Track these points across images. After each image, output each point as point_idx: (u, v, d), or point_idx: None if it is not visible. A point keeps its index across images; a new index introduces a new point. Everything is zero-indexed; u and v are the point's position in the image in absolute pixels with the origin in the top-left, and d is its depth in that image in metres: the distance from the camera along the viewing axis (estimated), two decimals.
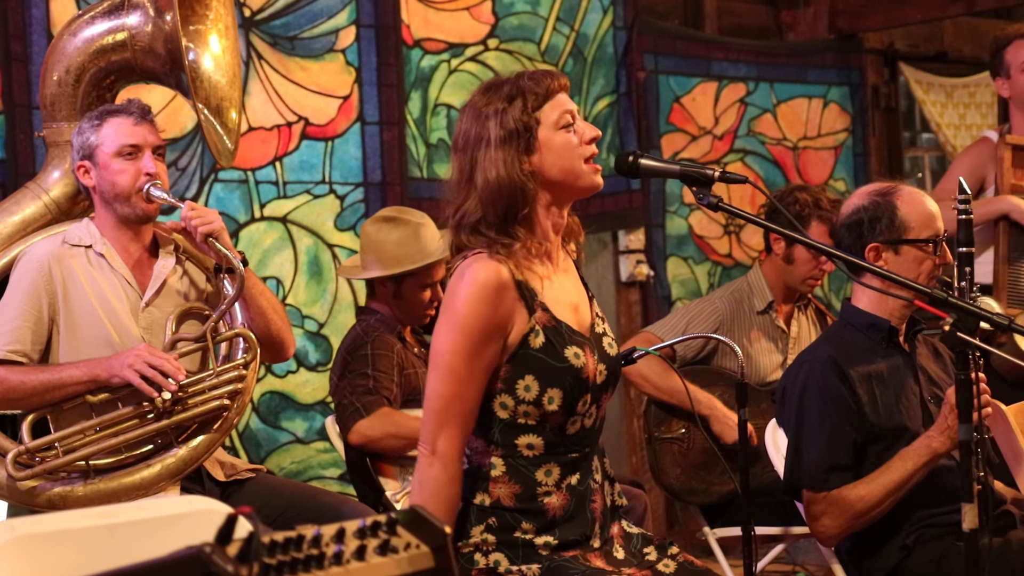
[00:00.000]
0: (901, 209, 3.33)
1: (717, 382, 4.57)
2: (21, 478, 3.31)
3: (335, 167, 5.28)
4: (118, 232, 3.51)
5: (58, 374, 3.36)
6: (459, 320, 2.56)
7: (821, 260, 4.60)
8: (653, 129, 6.39)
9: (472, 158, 2.62)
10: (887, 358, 3.39)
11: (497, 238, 2.61)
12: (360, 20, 5.35)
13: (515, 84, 2.66)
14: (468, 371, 2.57)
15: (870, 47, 7.24)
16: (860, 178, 7.18)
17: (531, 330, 2.60)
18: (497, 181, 2.59)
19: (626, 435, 6.24)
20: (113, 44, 3.58)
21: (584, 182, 2.65)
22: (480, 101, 2.66)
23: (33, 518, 1.91)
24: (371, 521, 1.70)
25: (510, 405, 2.61)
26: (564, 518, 2.63)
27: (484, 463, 2.64)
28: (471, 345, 2.56)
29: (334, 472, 5.15)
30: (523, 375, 2.60)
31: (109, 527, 1.89)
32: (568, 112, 2.66)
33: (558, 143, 2.63)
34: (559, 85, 2.68)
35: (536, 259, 2.65)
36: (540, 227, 2.66)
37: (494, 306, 2.56)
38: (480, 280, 2.56)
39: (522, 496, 2.62)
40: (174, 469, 3.41)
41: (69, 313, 3.43)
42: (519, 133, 2.60)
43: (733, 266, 6.64)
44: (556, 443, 2.63)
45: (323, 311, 5.21)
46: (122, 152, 3.45)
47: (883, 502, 3.25)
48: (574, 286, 2.77)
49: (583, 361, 2.62)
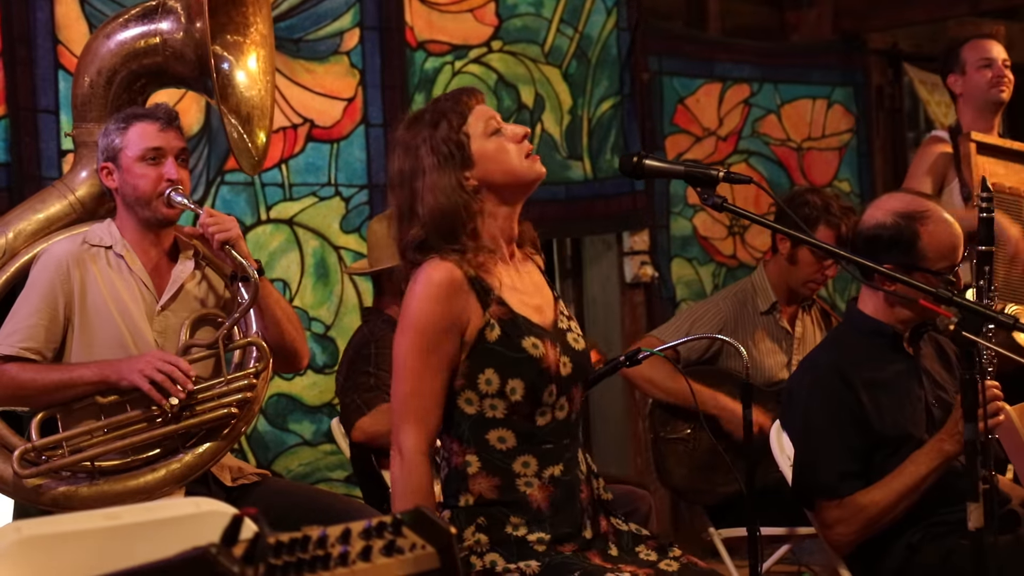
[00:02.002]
0: (923, 239, 3.27)
1: (723, 383, 4.56)
2: (26, 476, 3.32)
3: (340, 169, 5.29)
4: (138, 235, 3.51)
5: (69, 374, 3.36)
6: (413, 319, 2.63)
7: (824, 264, 4.59)
8: (657, 130, 6.39)
9: (411, 191, 2.69)
10: (891, 363, 3.38)
11: (447, 246, 2.67)
12: (364, 22, 5.35)
13: (434, 110, 2.73)
14: (423, 367, 2.62)
15: (874, 48, 7.24)
16: (864, 179, 7.18)
17: (487, 324, 2.65)
18: (438, 206, 2.65)
19: (631, 436, 6.23)
20: (145, 48, 3.59)
21: (525, 176, 2.71)
22: (406, 136, 2.73)
23: (39, 520, 1.91)
24: (376, 522, 1.70)
25: (474, 400, 2.66)
26: (552, 511, 2.65)
27: (459, 462, 2.68)
28: (425, 342, 2.62)
29: (341, 474, 5.15)
30: (483, 369, 2.65)
31: (115, 528, 1.89)
32: (492, 119, 2.72)
33: (492, 149, 2.69)
34: (476, 100, 2.75)
35: (490, 262, 2.69)
36: (488, 235, 2.71)
37: (447, 303, 2.62)
38: (433, 279, 2.63)
39: (503, 487, 2.65)
40: (179, 474, 3.41)
41: (84, 313, 3.43)
42: (452, 152, 2.67)
43: (737, 267, 6.64)
44: (528, 435, 2.67)
45: (330, 313, 5.22)
46: (145, 156, 3.44)
47: (896, 506, 3.25)
48: (536, 287, 2.81)
49: (542, 351, 2.66)
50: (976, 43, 4.99)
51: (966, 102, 5.02)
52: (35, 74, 4.48)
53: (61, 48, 4.61)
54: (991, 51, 4.97)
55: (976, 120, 4.98)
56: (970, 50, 4.98)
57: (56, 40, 4.61)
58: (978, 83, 4.96)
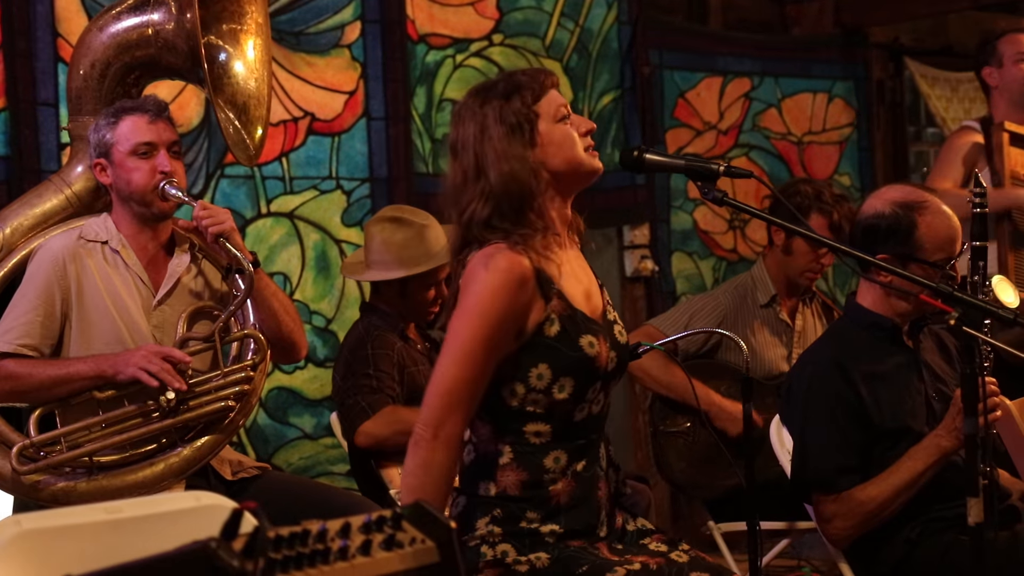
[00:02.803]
0: (920, 229, 3.28)
1: (722, 376, 4.57)
2: (25, 472, 3.32)
3: (341, 162, 5.29)
4: (134, 229, 3.50)
5: (65, 369, 3.36)
6: (481, 307, 2.57)
7: (820, 252, 4.59)
8: (658, 124, 6.39)
9: (476, 157, 2.64)
10: (891, 356, 3.38)
11: (513, 229, 2.62)
12: (365, 15, 5.35)
13: (510, 81, 2.69)
14: (484, 357, 2.57)
15: (875, 41, 7.23)
16: (865, 173, 7.18)
17: (547, 318, 2.62)
18: (511, 174, 2.61)
19: (631, 429, 6.23)
20: (138, 40, 3.59)
21: (586, 168, 2.69)
22: (475, 102, 2.69)
23: (39, 513, 1.91)
24: (376, 516, 1.70)
25: (520, 393, 2.62)
26: (570, 505, 2.64)
27: (491, 450, 2.65)
28: (491, 332, 2.56)
29: (342, 468, 5.15)
30: (536, 363, 2.61)
31: (115, 522, 1.89)
32: (563, 106, 2.70)
33: (558, 135, 2.66)
34: (552, 82, 2.72)
35: (551, 247, 2.67)
36: (550, 216, 2.68)
37: (516, 296, 2.58)
38: (503, 269, 2.57)
39: (528, 483, 2.63)
40: (178, 468, 3.41)
41: (81, 309, 3.43)
42: (521, 126, 2.63)
43: (738, 261, 6.64)
44: (563, 430, 2.64)
45: (330, 306, 5.22)
46: (137, 151, 3.44)
47: (894, 502, 3.25)
48: (585, 273, 2.78)
49: (597, 350, 2.64)
50: (1013, 37, 5.06)
51: (1001, 94, 5.08)
52: (35, 67, 4.47)
53: (61, 41, 4.60)
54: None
55: (1009, 112, 5.03)
56: (1007, 44, 5.04)
57: (56, 33, 4.60)
58: (1015, 76, 5.04)
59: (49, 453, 3.35)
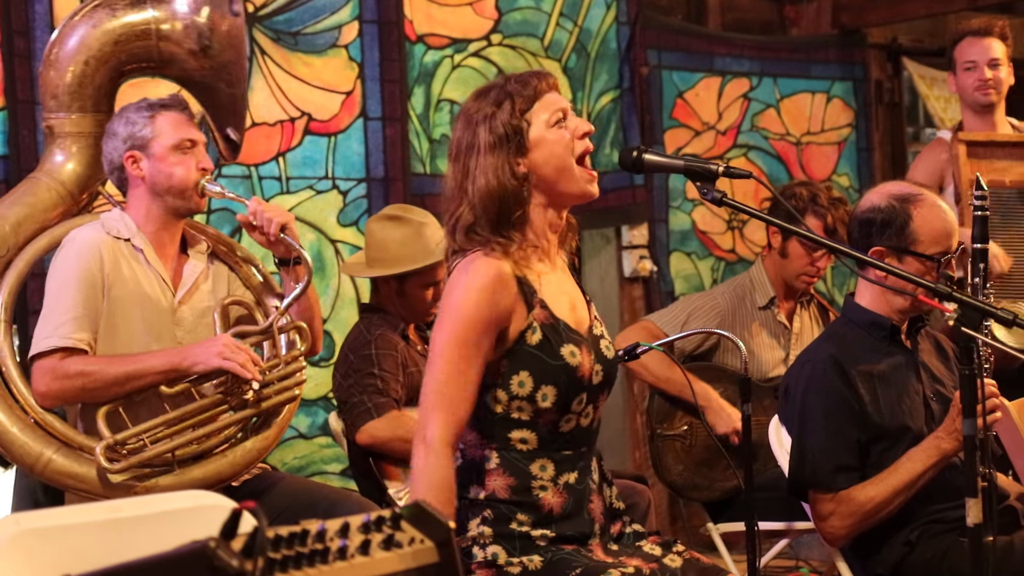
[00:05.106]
0: (915, 220, 3.29)
1: (720, 378, 4.57)
2: (115, 471, 3.25)
3: (338, 163, 5.29)
4: (157, 227, 3.48)
5: (137, 364, 3.31)
6: (457, 310, 2.58)
7: (816, 256, 4.60)
8: (656, 125, 6.39)
9: (464, 166, 2.66)
10: (889, 356, 3.38)
11: (491, 238, 2.63)
12: (363, 15, 5.35)
13: (502, 88, 2.68)
14: (460, 358, 2.57)
15: (873, 42, 7.24)
16: (863, 173, 7.18)
17: (528, 326, 2.62)
18: (487, 188, 2.62)
19: (629, 431, 6.24)
20: (133, 34, 3.59)
21: (576, 185, 2.67)
22: (471, 108, 2.69)
23: (38, 512, 1.91)
24: (375, 516, 1.70)
25: (503, 400, 2.63)
26: (562, 516, 2.64)
27: (478, 455, 2.66)
28: (466, 334, 2.57)
29: (336, 467, 5.15)
30: (518, 371, 2.62)
31: (114, 521, 1.89)
32: (560, 110, 2.68)
33: (550, 140, 2.66)
34: (547, 85, 2.70)
35: (533, 258, 2.67)
36: (535, 228, 2.68)
37: (495, 300, 2.58)
38: (482, 273, 2.59)
39: (517, 488, 2.63)
40: (250, 459, 3.45)
41: (110, 303, 3.38)
42: (508, 137, 2.63)
43: (736, 261, 6.64)
44: (549, 439, 2.65)
45: (326, 307, 5.21)
46: (181, 146, 3.45)
47: (892, 502, 3.25)
48: (572, 287, 2.78)
49: (579, 360, 2.64)
50: (964, 44, 4.96)
51: (962, 101, 5.04)
52: (33, 66, 4.46)
53: None
54: (975, 53, 4.92)
55: (972, 119, 4.98)
56: (958, 51, 4.97)
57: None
58: (965, 85, 4.96)
59: (132, 451, 3.29)
